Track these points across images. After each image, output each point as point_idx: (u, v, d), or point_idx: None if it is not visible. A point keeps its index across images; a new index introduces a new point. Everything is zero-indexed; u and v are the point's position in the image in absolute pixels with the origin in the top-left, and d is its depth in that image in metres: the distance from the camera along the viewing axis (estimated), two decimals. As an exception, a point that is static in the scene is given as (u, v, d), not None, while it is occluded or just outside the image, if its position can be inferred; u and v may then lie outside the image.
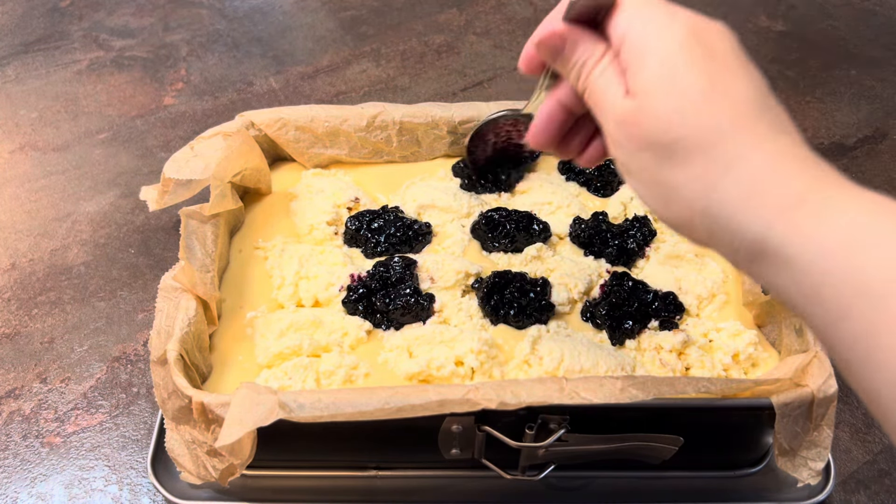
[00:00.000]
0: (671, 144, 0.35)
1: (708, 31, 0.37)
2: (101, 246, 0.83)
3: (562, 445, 0.54)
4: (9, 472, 0.65)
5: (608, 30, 0.39)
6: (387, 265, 0.67)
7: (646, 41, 0.36)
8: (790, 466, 0.56)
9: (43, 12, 1.20)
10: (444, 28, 1.16)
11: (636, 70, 0.36)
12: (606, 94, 0.38)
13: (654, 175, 0.37)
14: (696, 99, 0.35)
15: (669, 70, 0.35)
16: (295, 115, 0.76)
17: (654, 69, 0.36)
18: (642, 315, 0.64)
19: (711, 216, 0.35)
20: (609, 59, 0.39)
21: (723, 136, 0.34)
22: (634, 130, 0.37)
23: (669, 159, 0.36)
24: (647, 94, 0.36)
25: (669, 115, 0.35)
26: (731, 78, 0.36)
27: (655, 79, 0.36)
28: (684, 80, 0.35)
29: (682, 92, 0.35)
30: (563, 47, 0.41)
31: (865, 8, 1.22)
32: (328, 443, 0.59)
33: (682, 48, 0.36)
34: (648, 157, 0.37)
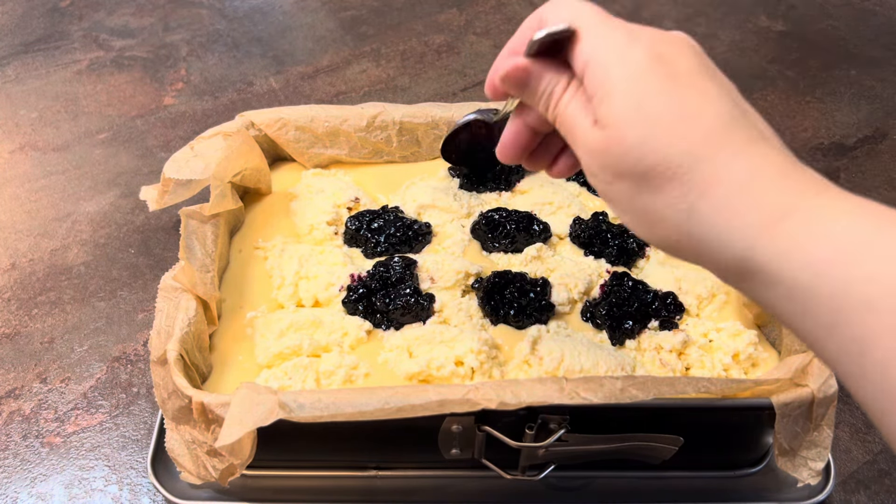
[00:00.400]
0: (645, 173, 0.35)
1: (670, 48, 0.36)
2: (101, 246, 0.83)
3: (562, 445, 0.54)
4: (9, 472, 0.65)
5: (571, 59, 0.38)
6: (387, 265, 0.67)
7: (608, 69, 0.36)
8: (790, 466, 0.56)
9: (43, 12, 1.20)
10: (444, 28, 1.16)
11: (601, 99, 0.36)
12: (575, 125, 0.38)
13: (634, 203, 0.37)
14: (664, 125, 0.34)
15: (635, 98, 0.35)
16: (295, 115, 0.76)
17: (620, 98, 0.35)
18: (642, 315, 0.64)
19: (696, 238, 0.35)
20: (574, 89, 0.39)
21: (696, 160, 0.34)
22: (607, 161, 0.36)
23: (646, 187, 0.35)
24: (615, 126, 0.35)
25: (639, 144, 0.35)
26: (698, 96, 0.35)
27: (621, 108, 0.35)
28: (650, 107, 0.35)
29: (650, 119, 0.34)
30: (528, 80, 0.40)
31: (865, 8, 1.22)
32: (328, 443, 0.59)
33: (645, 73, 0.35)
34: (625, 187, 0.36)
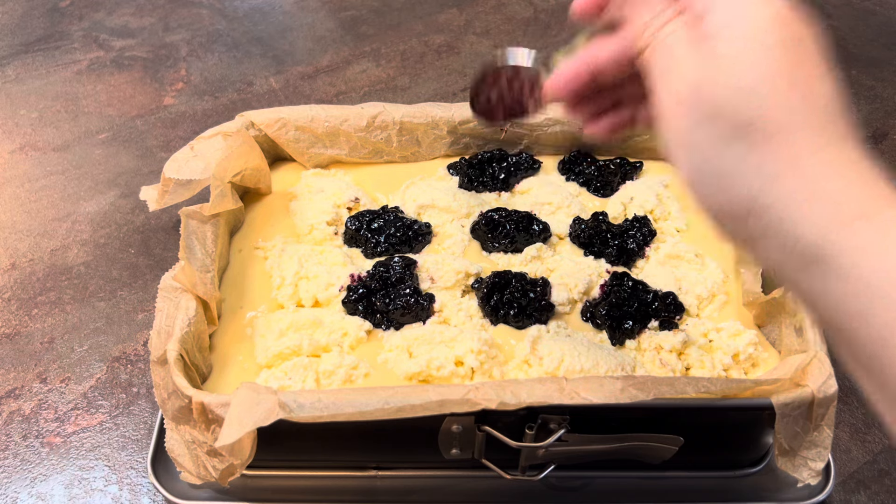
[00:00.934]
0: (744, 123, 0.33)
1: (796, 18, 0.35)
2: (101, 246, 0.83)
3: (562, 445, 0.54)
4: (9, 472, 0.65)
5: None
6: (387, 265, 0.67)
7: (734, 11, 0.34)
8: (790, 466, 0.56)
9: (43, 12, 1.20)
10: (444, 28, 1.16)
11: (720, 37, 0.34)
12: (675, 54, 0.36)
13: (713, 154, 0.34)
14: (780, 81, 0.33)
15: (758, 44, 0.33)
16: (295, 115, 0.76)
17: (742, 39, 0.33)
18: (642, 315, 0.64)
19: (770, 209, 0.33)
20: (684, 21, 0.36)
21: (798, 127, 0.32)
22: (706, 96, 0.34)
23: (736, 138, 0.33)
24: (731, 61, 0.33)
25: (750, 89, 0.33)
26: (816, 71, 0.34)
27: (742, 48, 0.33)
28: (772, 58, 0.33)
29: (769, 70, 0.33)
30: None
31: (865, 8, 1.22)
32: (328, 443, 0.59)
33: (771, 28, 0.33)
34: (711, 132, 0.34)
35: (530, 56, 0.52)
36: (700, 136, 0.34)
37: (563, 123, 0.78)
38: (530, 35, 1.15)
